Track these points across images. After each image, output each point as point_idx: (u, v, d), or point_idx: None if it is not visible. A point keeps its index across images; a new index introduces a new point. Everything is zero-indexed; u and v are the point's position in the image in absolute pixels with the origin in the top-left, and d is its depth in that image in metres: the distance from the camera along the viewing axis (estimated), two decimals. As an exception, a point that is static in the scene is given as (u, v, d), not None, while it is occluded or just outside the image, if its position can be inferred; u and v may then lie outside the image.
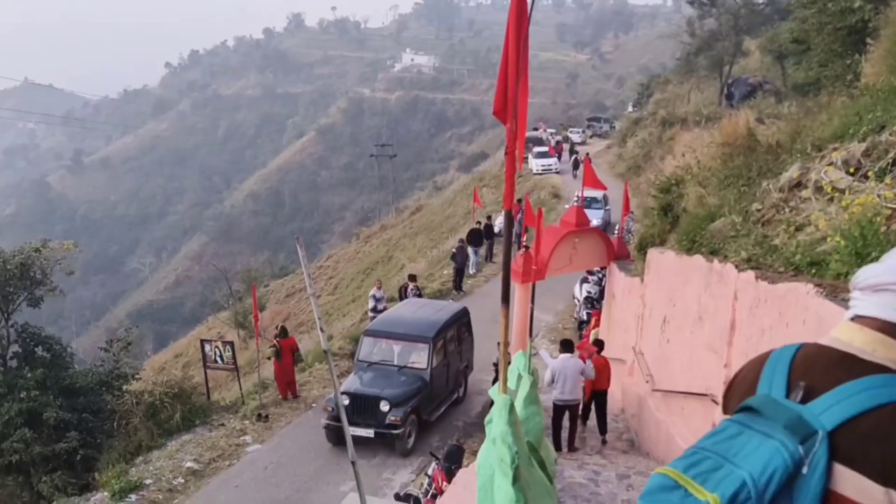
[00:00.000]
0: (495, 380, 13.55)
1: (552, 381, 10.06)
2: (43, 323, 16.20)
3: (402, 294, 18.98)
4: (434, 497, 9.76)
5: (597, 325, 14.79)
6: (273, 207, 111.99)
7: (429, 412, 13.17)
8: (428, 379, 13.04)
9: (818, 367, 1.30)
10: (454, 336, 14.40)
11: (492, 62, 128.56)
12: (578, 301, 19.02)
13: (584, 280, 18.79)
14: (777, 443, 1.22)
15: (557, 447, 9.86)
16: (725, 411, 1.56)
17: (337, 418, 11.64)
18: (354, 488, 10.13)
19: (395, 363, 13.32)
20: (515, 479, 2.47)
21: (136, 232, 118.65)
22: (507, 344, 3.37)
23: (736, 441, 1.31)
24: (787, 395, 1.32)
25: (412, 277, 19.99)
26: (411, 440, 12.52)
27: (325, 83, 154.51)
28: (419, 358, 13.26)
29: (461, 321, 14.82)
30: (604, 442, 10.90)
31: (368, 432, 12.10)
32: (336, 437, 12.32)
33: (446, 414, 13.98)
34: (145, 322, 72.00)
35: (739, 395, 1.50)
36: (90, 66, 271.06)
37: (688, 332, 7.90)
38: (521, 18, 3.20)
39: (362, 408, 12.18)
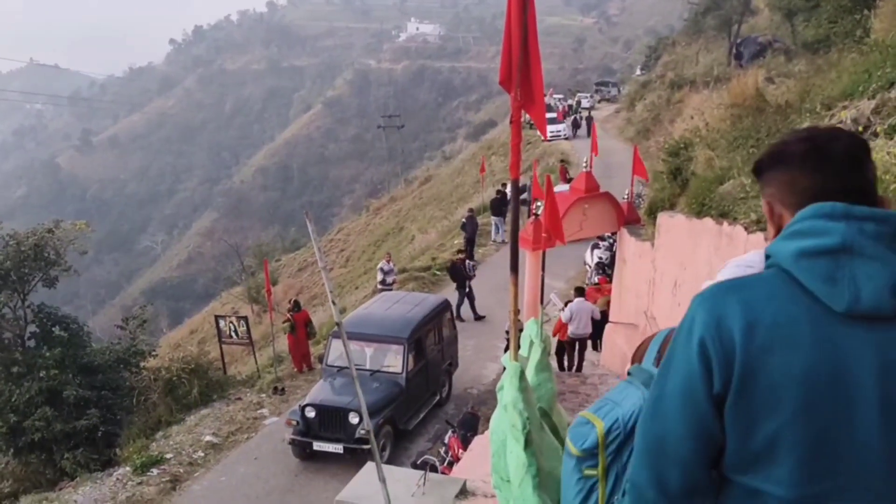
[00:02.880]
0: (507, 348, 13.65)
1: (570, 318, 12.68)
2: (59, 303, 16.35)
3: (462, 272, 17.36)
4: (451, 464, 9.88)
5: (599, 291, 14.84)
6: (282, 182, 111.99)
7: (406, 420, 12.01)
8: (404, 384, 11.85)
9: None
10: (434, 333, 13.25)
11: (497, 29, 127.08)
12: (590, 267, 19.02)
13: (595, 246, 18.77)
14: (639, 392, 2.04)
15: (569, 369, 12.72)
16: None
17: (302, 433, 11.15)
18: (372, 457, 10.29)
19: (368, 367, 12.01)
20: (527, 444, 2.52)
21: (147, 210, 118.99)
22: (516, 311, 3.40)
23: (623, 392, 2.14)
24: (655, 363, 2.05)
25: (460, 252, 18.58)
26: (386, 453, 11.21)
27: (331, 55, 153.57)
28: (394, 361, 12.08)
29: (441, 315, 13.66)
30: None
31: (337, 448, 11.02)
32: (303, 452, 11.45)
33: (429, 417, 12.85)
34: (159, 299, 72.45)
35: (637, 360, 2.29)
36: (95, 44, 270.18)
37: (699, 295, 7.93)
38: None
39: (330, 421, 11.14)
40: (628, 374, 2.21)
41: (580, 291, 13.33)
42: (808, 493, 1.43)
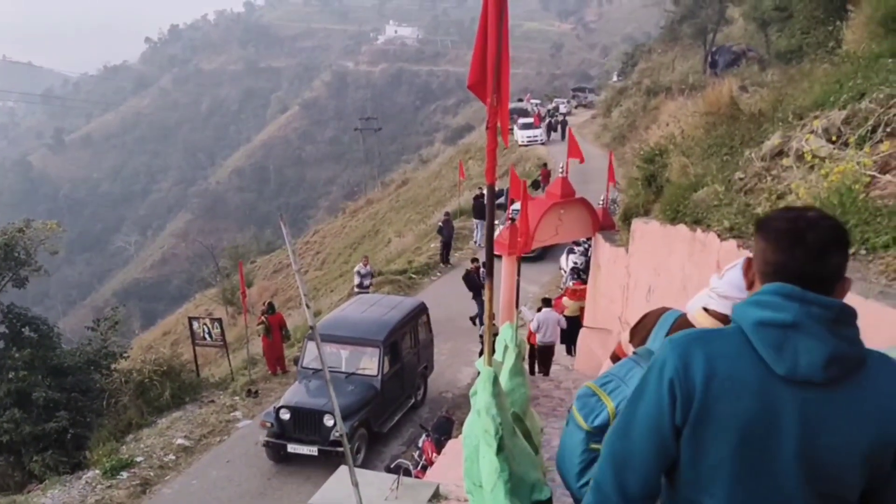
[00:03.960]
0: (481, 352, 13.66)
1: (537, 327, 13.26)
2: (29, 303, 16.16)
3: (476, 281, 16.69)
4: (424, 468, 9.87)
5: (573, 295, 14.91)
6: (258, 183, 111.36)
7: (381, 423, 12.02)
8: (379, 387, 11.83)
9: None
10: (410, 336, 13.24)
11: (475, 32, 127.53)
12: (565, 272, 19.11)
13: (571, 251, 18.88)
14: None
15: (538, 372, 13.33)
16: (631, 341, 2.93)
17: (277, 434, 11.13)
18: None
19: (344, 370, 12.04)
20: (500, 450, 2.53)
21: (121, 210, 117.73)
22: (491, 316, 3.40)
23: (629, 371, 2.42)
24: None
25: (474, 260, 17.64)
26: (360, 456, 11.28)
27: (308, 56, 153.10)
28: (369, 364, 12.05)
29: (418, 319, 13.64)
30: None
31: (312, 450, 11.00)
32: (277, 454, 11.44)
33: (403, 420, 12.85)
34: (132, 300, 71.75)
35: (640, 337, 2.66)
36: (68, 41, 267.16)
37: (672, 301, 7.96)
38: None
39: (304, 423, 11.09)
40: (634, 353, 2.57)
41: (546, 302, 13.98)
42: None
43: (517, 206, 13.67)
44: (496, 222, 20.14)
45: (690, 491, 1.84)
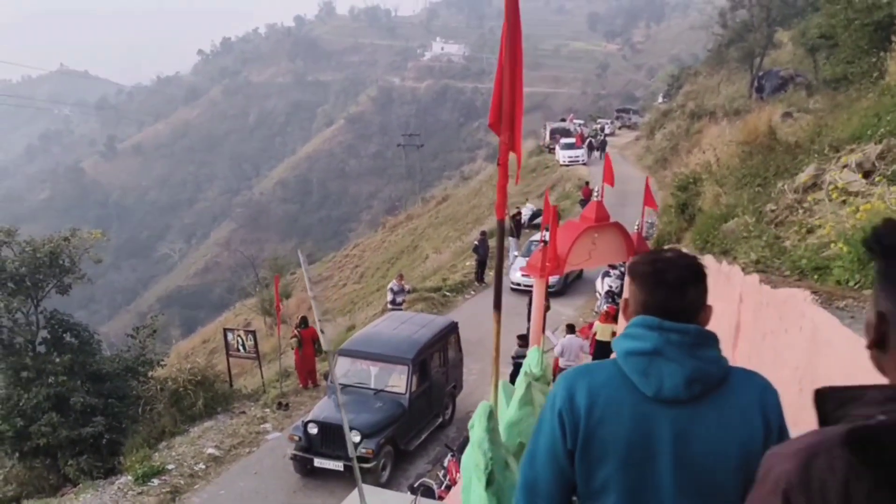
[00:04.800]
0: (513, 373, 13.69)
1: (561, 353, 13.25)
2: (74, 307, 16.62)
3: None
4: (448, 488, 9.90)
5: (605, 319, 14.83)
6: (301, 195, 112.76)
7: (407, 441, 11.97)
8: (406, 405, 11.80)
9: None
10: (440, 355, 13.23)
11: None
12: (600, 295, 19.01)
13: (606, 274, 18.76)
14: None
15: None
16: None
17: (304, 448, 11.21)
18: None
19: (373, 386, 12.07)
20: (489, 484, 2.60)
21: (167, 218, 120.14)
22: (498, 349, 3.46)
23: None
24: None
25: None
26: (386, 473, 11.34)
27: (355, 71, 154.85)
28: (397, 381, 12.03)
29: (448, 338, 13.61)
30: None
31: (338, 465, 11.01)
32: (303, 467, 11.49)
33: (430, 439, 12.74)
34: (174, 307, 73.06)
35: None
36: (124, 52, 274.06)
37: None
38: (514, 30, 3.28)
39: (332, 438, 11.06)
40: None
41: (570, 329, 14.09)
42: None
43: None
44: (535, 239, 20.21)
45: None
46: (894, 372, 1.26)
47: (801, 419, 1.89)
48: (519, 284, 20.08)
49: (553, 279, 18.31)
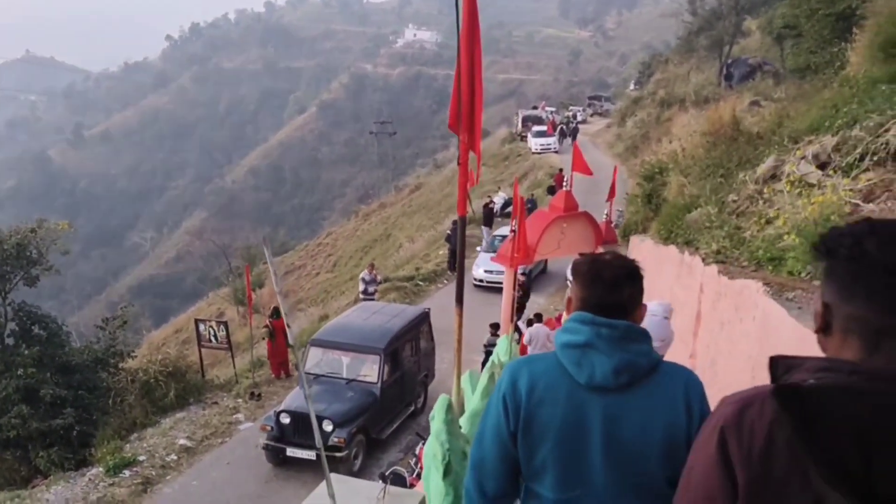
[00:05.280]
0: (484, 361, 13.85)
1: (529, 341, 13.01)
2: (44, 298, 16.47)
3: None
4: (419, 476, 10.01)
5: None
6: (274, 183, 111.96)
7: (379, 430, 12.10)
8: (378, 394, 11.95)
9: None
10: (412, 344, 13.39)
11: (494, 38, 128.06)
12: (570, 283, 19.22)
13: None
14: None
15: None
16: None
17: (277, 438, 11.27)
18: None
19: (344, 376, 12.17)
20: (446, 474, 2.71)
21: (137, 206, 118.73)
22: (460, 342, 3.56)
23: None
24: None
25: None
26: (357, 462, 11.48)
27: (327, 58, 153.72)
28: (369, 371, 12.15)
29: (420, 327, 13.75)
30: None
31: (311, 454, 10.99)
32: (276, 457, 11.54)
33: (403, 427, 12.92)
34: (146, 297, 72.44)
35: None
36: (90, 38, 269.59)
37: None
38: (472, 32, 3.36)
39: (304, 428, 11.04)
40: None
41: (538, 318, 14.33)
42: (563, 497, 2.21)
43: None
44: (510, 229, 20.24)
45: (529, 482, 2.29)
46: (834, 351, 1.53)
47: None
48: (482, 281, 19.79)
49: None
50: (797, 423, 1.39)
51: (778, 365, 1.57)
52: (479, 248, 22.86)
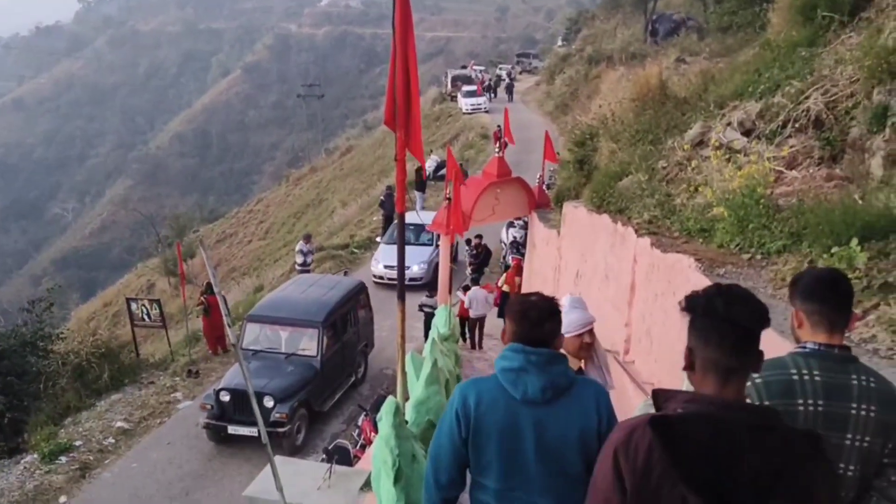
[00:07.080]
0: (426, 322, 13.96)
1: (469, 304, 14.43)
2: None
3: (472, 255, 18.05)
4: (363, 447, 10.10)
5: (513, 272, 15.24)
6: (200, 149, 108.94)
7: (321, 402, 12.25)
8: (319, 367, 12.05)
9: None
10: (350, 315, 13.47)
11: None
12: (505, 245, 19.38)
13: (511, 224, 19.07)
14: None
15: (472, 346, 14.81)
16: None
17: (217, 416, 11.23)
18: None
19: (283, 350, 12.24)
20: (397, 480, 2.78)
21: (57, 176, 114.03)
22: (403, 338, 3.58)
23: None
24: None
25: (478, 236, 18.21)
26: (301, 436, 11.63)
27: (250, 19, 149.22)
28: (308, 344, 12.22)
29: (357, 297, 13.89)
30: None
31: (252, 431, 10.92)
32: (217, 435, 11.54)
33: (344, 398, 13.13)
34: (71, 269, 70.31)
35: None
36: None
37: (596, 288, 8.25)
38: (405, 29, 3.32)
39: (245, 404, 10.94)
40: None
41: (475, 282, 15.34)
42: (505, 486, 2.81)
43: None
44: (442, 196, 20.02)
45: (476, 476, 2.89)
46: (698, 385, 1.97)
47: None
48: (382, 278, 18.53)
49: (419, 271, 18.48)
50: (666, 445, 1.82)
51: (658, 396, 2.00)
52: (378, 239, 21.70)
